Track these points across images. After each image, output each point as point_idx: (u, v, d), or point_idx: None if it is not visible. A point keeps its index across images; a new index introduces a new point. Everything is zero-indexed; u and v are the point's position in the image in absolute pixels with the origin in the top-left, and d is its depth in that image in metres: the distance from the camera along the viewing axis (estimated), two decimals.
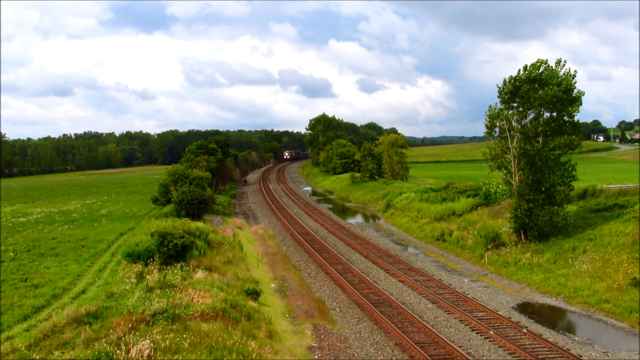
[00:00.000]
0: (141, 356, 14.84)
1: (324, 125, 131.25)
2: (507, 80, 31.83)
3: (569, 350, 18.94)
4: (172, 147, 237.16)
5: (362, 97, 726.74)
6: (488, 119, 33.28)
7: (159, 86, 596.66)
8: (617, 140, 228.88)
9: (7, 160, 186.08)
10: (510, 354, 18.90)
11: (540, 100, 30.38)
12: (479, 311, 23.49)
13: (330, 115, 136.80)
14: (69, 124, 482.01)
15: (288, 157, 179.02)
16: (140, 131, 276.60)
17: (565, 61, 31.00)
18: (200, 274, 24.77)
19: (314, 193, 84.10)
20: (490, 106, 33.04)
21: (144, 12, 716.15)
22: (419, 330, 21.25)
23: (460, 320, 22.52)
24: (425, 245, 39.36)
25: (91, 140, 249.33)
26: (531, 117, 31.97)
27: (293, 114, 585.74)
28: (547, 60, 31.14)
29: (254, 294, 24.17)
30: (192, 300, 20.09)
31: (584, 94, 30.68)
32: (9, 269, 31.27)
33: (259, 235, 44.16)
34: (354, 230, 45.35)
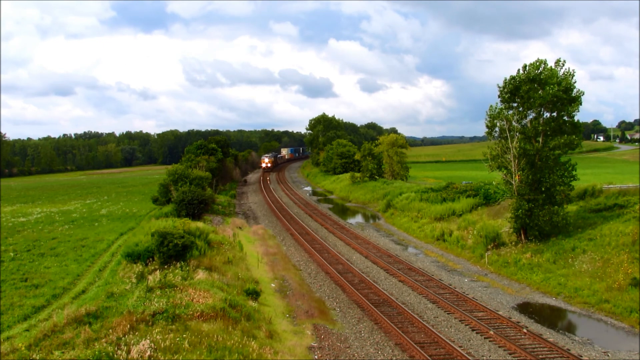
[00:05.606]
0: (141, 356, 14.83)
1: (324, 125, 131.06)
2: (507, 80, 31.86)
3: (569, 350, 18.94)
4: (172, 147, 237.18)
5: (363, 97, 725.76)
6: (489, 119, 33.30)
7: (160, 86, 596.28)
8: (617, 140, 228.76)
9: (7, 160, 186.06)
10: (510, 354, 18.91)
11: (541, 100, 30.40)
12: (479, 311, 23.49)
13: (330, 115, 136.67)
14: (69, 124, 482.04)
15: (269, 165, 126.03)
16: (141, 131, 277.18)
17: (564, 61, 31.08)
18: (200, 274, 24.76)
19: (314, 193, 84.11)
20: (490, 106, 33.09)
21: (145, 10, 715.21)
22: (419, 330, 21.26)
23: (460, 320, 22.52)
24: (425, 245, 39.36)
25: (91, 140, 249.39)
26: (531, 117, 32.00)
27: (293, 114, 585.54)
28: (545, 60, 31.21)
29: (254, 294, 24.18)
30: (192, 300, 20.09)
31: (583, 93, 30.73)
32: (9, 269, 31.30)
33: (259, 235, 44.17)
34: (354, 230, 45.35)
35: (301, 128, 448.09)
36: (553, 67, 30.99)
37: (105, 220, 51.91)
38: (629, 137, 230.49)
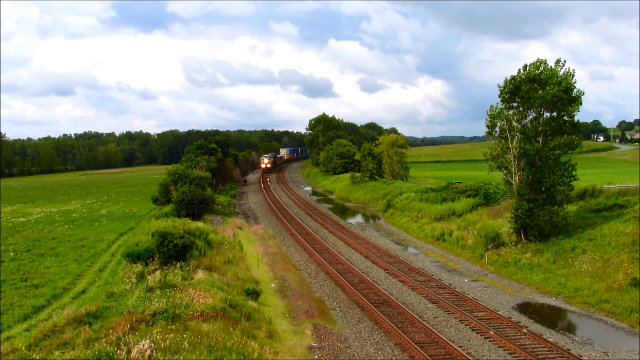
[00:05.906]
0: (141, 356, 14.83)
1: (324, 125, 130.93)
2: (507, 80, 31.87)
3: (569, 350, 18.94)
4: (172, 147, 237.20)
5: (363, 97, 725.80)
6: (489, 119, 33.30)
7: (160, 86, 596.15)
8: (617, 140, 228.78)
9: (7, 160, 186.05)
10: (510, 354, 18.90)
11: (541, 100, 30.40)
12: (479, 311, 23.49)
13: (330, 115, 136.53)
14: (69, 124, 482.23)
15: (269, 165, 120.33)
16: (141, 131, 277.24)
17: (564, 61, 31.09)
18: (200, 274, 24.77)
19: (314, 193, 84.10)
20: (491, 106, 33.13)
21: (145, 10, 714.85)
22: (419, 330, 21.26)
23: (460, 320, 22.52)
24: (425, 245, 39.36)
25: (91, 140, 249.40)
26: (531, 117, 32.00)
27: (293, 114, 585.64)
28: (545, 60, 31.22)
29: (254, 294, 24.17)
30: (192, 300, 20.08)
31: (583, 93, 30.73)
32: (9, 269, 31.30)
33: (259, 235, 44.17)
34: (354, 230, 45.35)
35: (301, 128, 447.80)
36: (553, 67, 31.00)
37: (105, 220, 51.90)
38: (629, 137, 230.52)
